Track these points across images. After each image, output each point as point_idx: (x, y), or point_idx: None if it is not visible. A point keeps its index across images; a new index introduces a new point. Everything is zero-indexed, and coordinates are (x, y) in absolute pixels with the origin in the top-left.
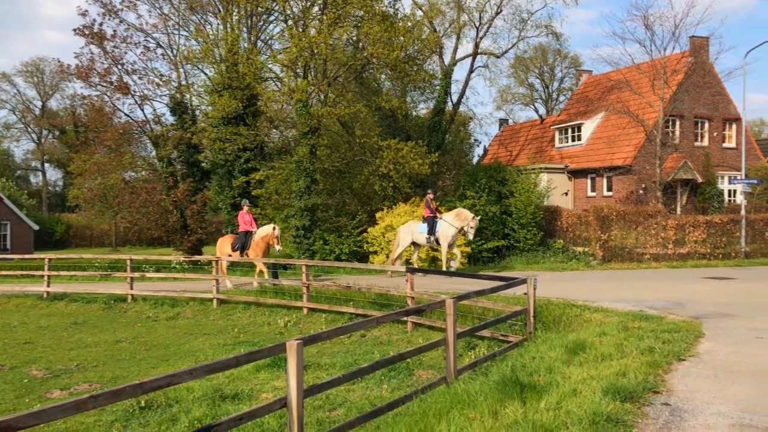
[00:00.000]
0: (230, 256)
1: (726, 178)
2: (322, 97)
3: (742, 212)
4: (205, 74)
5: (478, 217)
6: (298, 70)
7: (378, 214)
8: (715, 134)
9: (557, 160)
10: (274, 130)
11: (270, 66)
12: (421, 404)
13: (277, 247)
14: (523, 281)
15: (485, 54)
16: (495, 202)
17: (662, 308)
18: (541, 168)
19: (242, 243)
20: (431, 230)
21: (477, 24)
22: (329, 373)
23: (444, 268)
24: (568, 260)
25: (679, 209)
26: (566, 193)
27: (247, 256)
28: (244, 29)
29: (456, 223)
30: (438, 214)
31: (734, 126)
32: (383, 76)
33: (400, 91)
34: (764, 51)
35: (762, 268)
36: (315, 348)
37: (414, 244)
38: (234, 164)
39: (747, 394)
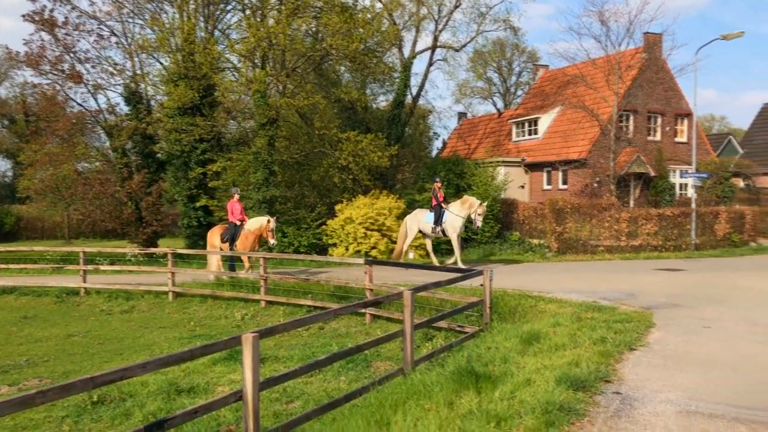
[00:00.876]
0: (221, 248)
1: (677, 172)
2: (281, 87)
3: (693, 205)
4: (161, 63)
5: (486, 203)
6: (256, 61)
7: (337, 207)
8: (667, 129)
9: (514, 154)
10: (231, 121)
11: (227, 56)
12: (378, 395)
13: (272, 241)
14: (480, 273)
15: (444, 47)
16: (453, 194)
17: (615, 299)
18: (498, 161)
19: (231, 234)
20: (437, 220)
21: (436, 17)
22: (286, 365)
23: (451, 262)
24: (524, 252)
25: (632, 202)
26: (523, 186)
27: (236, 249)
28: (201, 18)
29: (462, 212)
30: (444, 204)
31: (686, 121)
32: (343, 68)
33: (360, 83)
34: (714, 48)
35: (711, 260)
36: (272, 341)
37: (421, 233)
38: (190, 155)
39: (694, 382)
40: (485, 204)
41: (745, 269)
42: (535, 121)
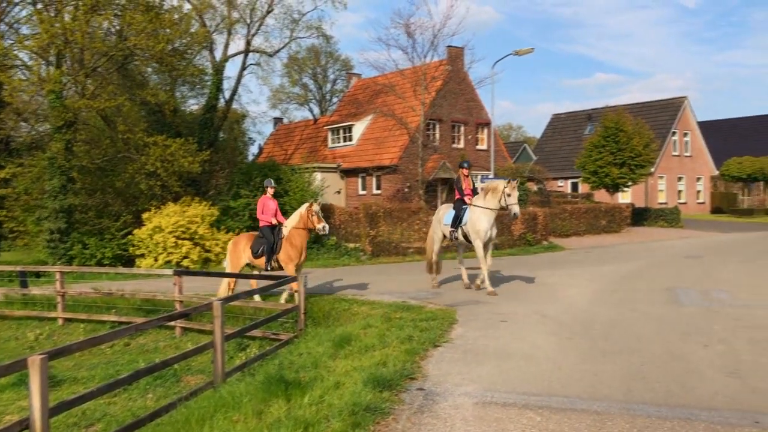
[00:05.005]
0: (248, 265)
1: (479, 178)
2: (80, 88)
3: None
4: None
5: (516, 181)
6: (50, 58)
7: (145, 215)
8: (469, 137)
9: (330, 160)
10: (22, 123)
11: (16, 52)
12: (185, 411)
13: (319, 225)
14: (294, 279)
15: (257, 52)
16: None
17: (422, 298)
18: (314, 167)
19: (269, 243)
20: (456, 221)
21: (248, 21)
22: (87, 386)
23: (482, 283)
24: (340, 256)
25: (439, 205)
26: (339, 192)
27: (277, 263)
28: None
29: (490, 203)
30: (469, 199)
31: (486, 130)
32: (150, 69)
33: (169, 85)
34: (510, 62)
35: (508, 258)
36: (71, 360)
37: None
38: None
39: (490, 373)
40: (515, 181)
41: (537, 266)
42: (350, 128)
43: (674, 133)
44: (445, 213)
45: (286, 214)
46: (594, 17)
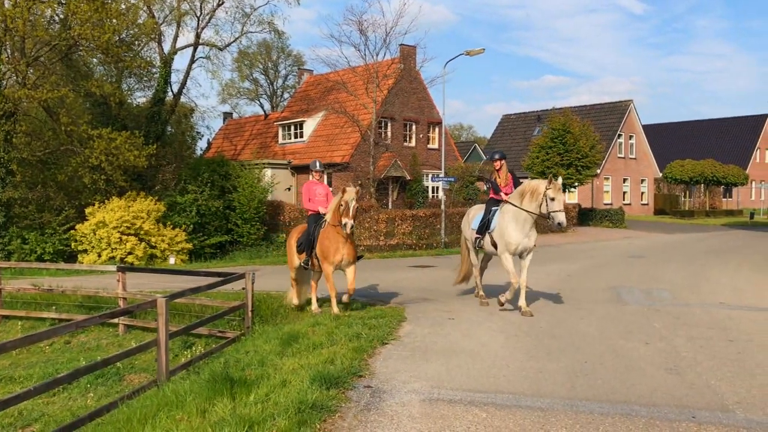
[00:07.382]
0: (301, 265)
1: (430, 176)
2: (20, 78)
3: (442, 207)
4: None
5: (559, 180)
6: None
7: (88, 210)
8: (421, 136)
9: (281, 156)
10: None
11: None
12: (127, 410)
13: (343, 221)
14: (241, 276)
15: (207, 45)
16: (218, 196)
17: (371, 296)
18: (264, 163)
19: (309, 236)
20: (483, 226)
21: (198, 14)
22: (24, 386)
23: (522, 307)
24: None
25: (390, 204)
26: (289, 189)
27: (317, 260)
28: None
29: (531, 206)
30: (503, 196)
31: (437, 129)
32: (95, 60)
33: (116, 77)
34: (461, 62)
35: (457, 257)
36: (7, 359)
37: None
38: None
39: (437, 371)
40: (558, 181)
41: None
42: (301, 125)
43: (620, 135)
44: (475, 214)
45: (235, 211)
46: (544, 20)
